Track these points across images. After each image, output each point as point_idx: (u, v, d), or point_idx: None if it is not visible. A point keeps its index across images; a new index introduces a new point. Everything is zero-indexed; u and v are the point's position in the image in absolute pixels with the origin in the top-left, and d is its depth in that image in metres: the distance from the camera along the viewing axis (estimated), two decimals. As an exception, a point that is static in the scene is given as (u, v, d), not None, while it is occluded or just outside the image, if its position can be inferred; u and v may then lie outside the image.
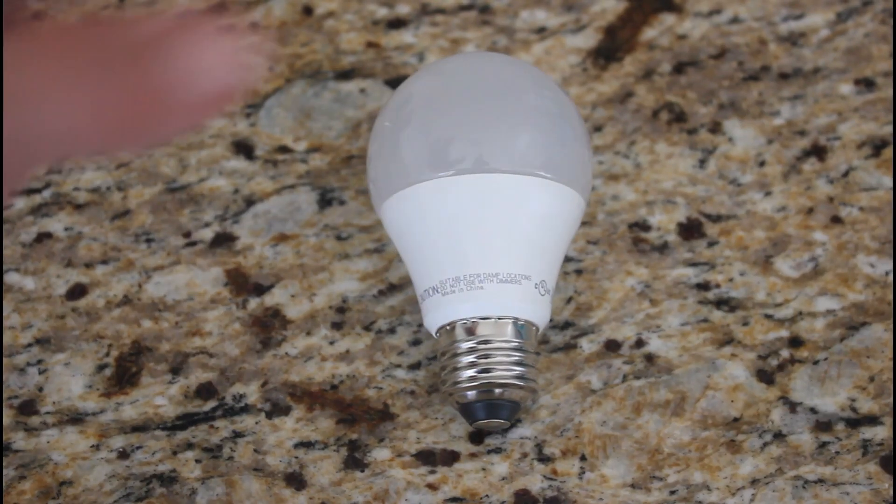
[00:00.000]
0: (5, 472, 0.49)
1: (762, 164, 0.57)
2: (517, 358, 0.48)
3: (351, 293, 0.53)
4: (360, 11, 0.63)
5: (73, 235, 0.55)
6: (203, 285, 0.54)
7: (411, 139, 0.49)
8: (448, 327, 0.48)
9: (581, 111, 0.58)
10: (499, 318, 0.48)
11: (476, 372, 0.48)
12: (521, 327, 0.48)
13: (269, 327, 0.53)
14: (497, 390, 0.48)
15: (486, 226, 0.48)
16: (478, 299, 0.48)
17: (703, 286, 0.53)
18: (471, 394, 0.48)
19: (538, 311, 0.48)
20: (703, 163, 0.57)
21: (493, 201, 0.48)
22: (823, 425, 0.49)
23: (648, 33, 0.61)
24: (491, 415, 0.48)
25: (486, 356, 0.48)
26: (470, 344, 0.48)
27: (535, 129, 0.49)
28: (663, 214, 0.55)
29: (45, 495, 0.48)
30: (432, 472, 0.49)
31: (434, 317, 0.49)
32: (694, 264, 0.54)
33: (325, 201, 0.56)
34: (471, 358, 0.48)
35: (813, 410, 0.50)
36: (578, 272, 0.54)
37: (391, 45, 0.61)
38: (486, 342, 0.48)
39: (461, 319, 0.48)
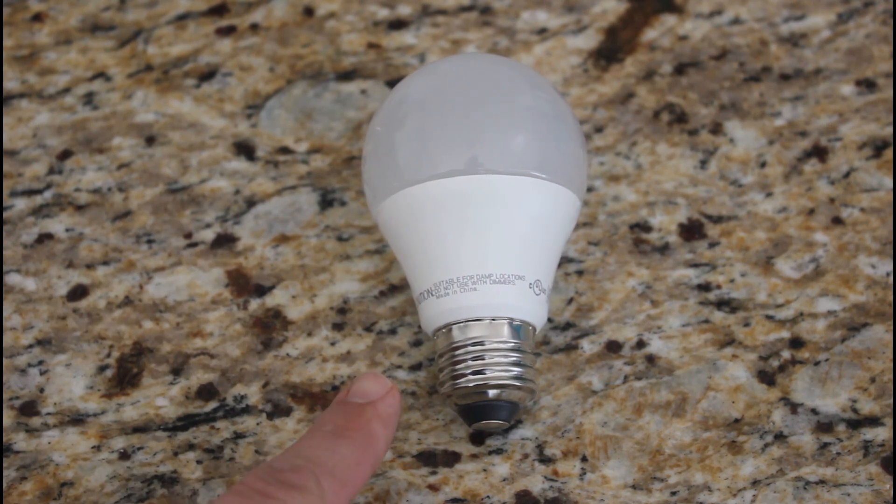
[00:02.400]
0: (6, 472, 0.49)
1: (763, 164, 0.57)
2: (514, 358, 0.48)
3: (352, 294, 0.53)
4: (361, 12, 0.63)
5: (74, 236, 0.55)
6: (204, 286, 0.54)
7: (406, 141, 0.49)
8: (444, 329, 0.48)
9: (582, 112, 0.58)
10: (493, 319, 0.48)
11: (472, 373, 0.48)
12: (518, 327, 0.48)
13: (270, 328, 0.53)
14: (494, 391, 0.48)
15: (480, 227, 0.48)
16: (471, 301, 0.48)
17: (704, 287, 0.53)
18: (468, 395, 0.48)
19: (534, 311, 0.48)
20: (704, 164, 0.57)
21: (487, 202, 0.48)
22: (824, 426, 0.49)
23: (649, 34, 0.61)
24: (489, 416, 0.48)
25: (482, 357, 0.48)
26: (465, 346, 0.48)
27: (530, 130, 0.49)
28: (664, 215, 0.55)
29: (46, 496, 0.48)
30: (433, 472, 0.49)
31: (430, 319, 0.49)
32: (695, 265, 0.54)
33: (326, 202, 0.56)
34: (467, 360, 0.48)
35: (814, 411, 0.50)
36: (579, 273, 0.54)
37: (392, 46, 0.61)
38: (481, 343, 0.48)
39: (456, 321, 0.48)
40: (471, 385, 0.48)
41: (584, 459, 0.49)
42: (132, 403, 0.51)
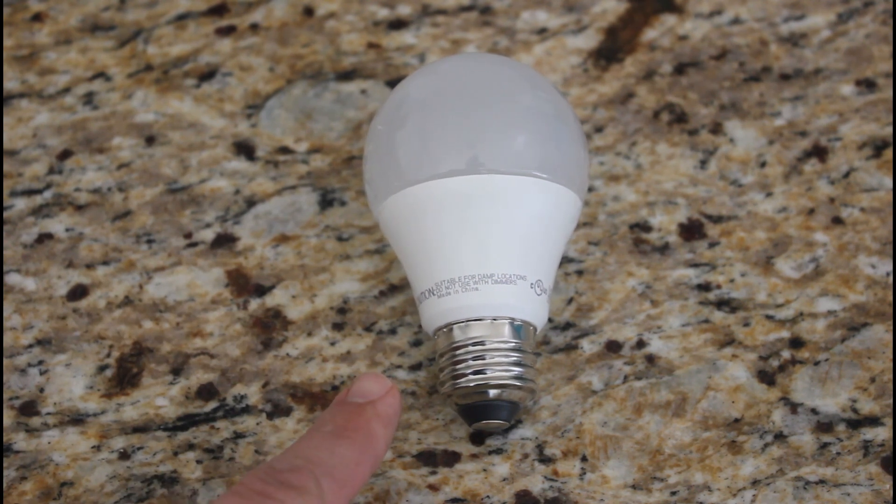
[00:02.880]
0: (6, 472, 0.49)
1: (763, 164, 0.57)
2: (515, 358, 0.48)
3: (352, 294, 0.53)
4: (361, 12, 0.63)
5: (74, 236, 0.55)
6: (204, 286, 0.54)
7: (407, 140, 0.49)
8: (445, 329, 0.48)
9: (582, 112, 0.58)
10: (494, 319, 0.48)
11: (473, 373, 0.48)
12: (519, 328, 0.48)
13: (270, 328, 0.53)
14: (494, 391, 0.48)
15: (482, 227, 0.48)
16: (473, 300, 0.48)
17: (704, 287, 0.53)
18: (468, 395, 0.48)
19: (535, 311, 0.48)
20: (703, 163, 0.57)
21: (488, 202, 0.48)
22: (824, 426, 0.49)
23: (649, 34, 0.61)
24: (489, 416, 0.48)
25: (483, 357, 0.48)
26: (466, 345, 0.48)
27: (531, 130, 0.49)
28: (664, 215, 0.55)
29: (46, 496, 0.48)
30: (433, 472, 0.49)
31: (431, 319, 0.49)
32: (695, 265, 0.54)
33: (325, 202, 0.56)
34: (467, 359, 0.48)
35: (814, 411, 0.50)
36: (579, 273, 0.54)
37: (392, 45, 0.61)
38: (482, 343, 0.48)
39: (457, 321, 0.48)
40: (471, 385, 0.48)
41: (584, 459, 0.49)
42: (132, 403, 0.51)
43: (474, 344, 0.48)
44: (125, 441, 0.50)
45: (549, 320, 0.52)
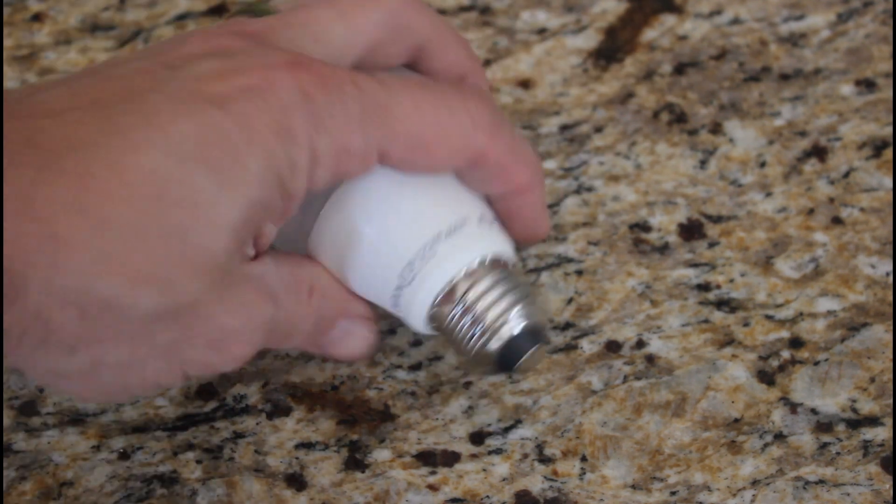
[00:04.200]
0: (6, 472, 0.49)
1: (763, 164, 0.57)
2: (503, 289, 0.46)
3: (351, 294, 0.53)
4: (360, 12, 0.63)
5: (73, 236, 0.55)
6: (204, 286, 0.54)
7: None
8: (434, 310, 0.47)
9: (582, 112, 0.59)
10: (467, 269, 0.46)
11: (480, 328, 0.46)
12: (491, 263, 0.47)
13: (269, 328, 0.53)
14: (509, 326, 0.46)
15: (400, 202, 0.46)
16: (439, 266, 0.46)
17: (704, 287, 0.53)
18: (489, 344, 0.47)
19: (496, 243, 0.47)
20: (703, 163, 0.57)
21: (395, 187, 0.46)
22: (824, 426, 0.50)
23: (649, 34, 0.61)
24: (522, 349, 0.46)
25: (476, 307, 0.46)
26: (457, 307, 0.46)
27: None
28: (664, 215, 0.55)
29: (46, 496, 0.48)
30: (433, 472, 0.49)
31: (417, 310, 0.47)
32: (695, 265, 0.54)
33: (325, 202, 0.56)
34: (467, 318, 0.46)
35: (814, 411, 0.50)
36: (579, 273, 0.54)
37: (392, 45, 0.61)
38: (468, 297, 0.46)
39: (437, 293, 0.46)
40: (486, 335, 0.46)
41: (583, 459, 0.49)
42: (132, 403, 0.51)
43: (463, 302, 0.46)
44: (125, 441, 0.50)
45: (549, 320, 0.52)
